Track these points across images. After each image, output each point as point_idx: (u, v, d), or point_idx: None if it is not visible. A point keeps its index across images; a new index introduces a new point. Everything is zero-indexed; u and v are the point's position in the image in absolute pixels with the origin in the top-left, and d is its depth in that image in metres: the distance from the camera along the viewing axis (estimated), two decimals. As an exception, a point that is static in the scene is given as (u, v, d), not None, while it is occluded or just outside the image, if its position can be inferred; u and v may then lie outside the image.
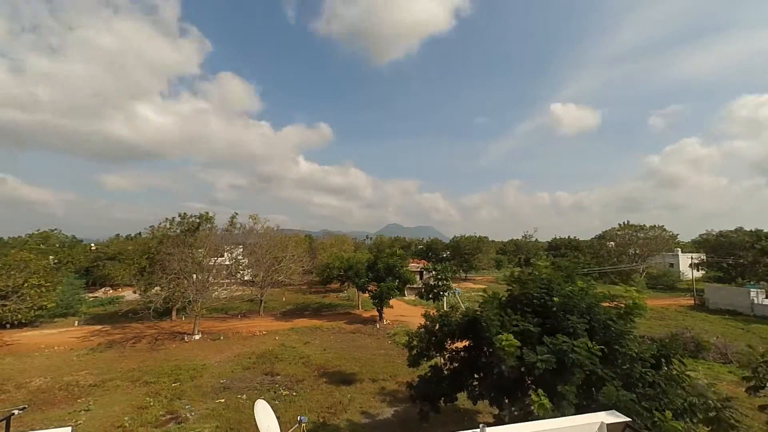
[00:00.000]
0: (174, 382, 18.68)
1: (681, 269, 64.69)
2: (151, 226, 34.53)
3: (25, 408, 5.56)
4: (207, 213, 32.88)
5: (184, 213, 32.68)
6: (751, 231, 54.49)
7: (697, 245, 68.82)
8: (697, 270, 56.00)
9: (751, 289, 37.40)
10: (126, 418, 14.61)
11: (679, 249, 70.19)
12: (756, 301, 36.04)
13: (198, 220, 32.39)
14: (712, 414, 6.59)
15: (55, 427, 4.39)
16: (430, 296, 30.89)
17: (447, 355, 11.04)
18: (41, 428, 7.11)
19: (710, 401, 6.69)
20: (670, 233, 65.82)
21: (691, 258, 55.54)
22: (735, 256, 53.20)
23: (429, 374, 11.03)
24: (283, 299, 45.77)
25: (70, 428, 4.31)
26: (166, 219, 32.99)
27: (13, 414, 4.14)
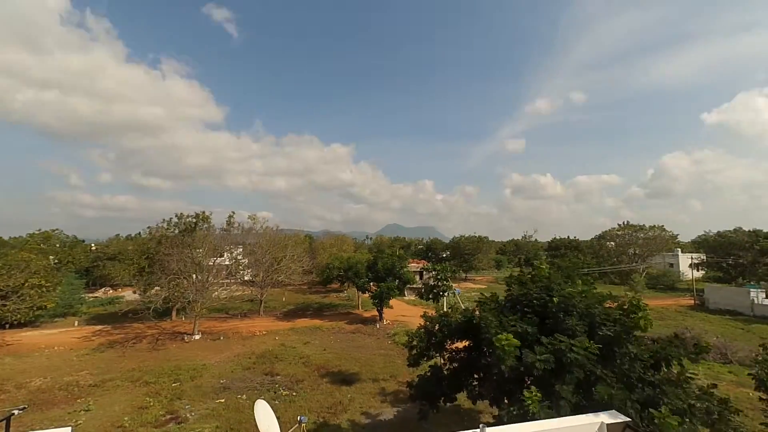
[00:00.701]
0: (174, 382, 18.69)
1: (681, 269, 64.76)
2: (149, 227, 34.63)
3: (25, 408, 5.56)
4: (204, 212, 32.94)
5: (181, 213, 32.77)
6: (750, 231, 54.56)
7: (696, 245, 68.86)
8: (697, 270, 56.02)
9: (751, 290, 37.44)
10: (126, 418, 14.63)
11: (679, 249, 70.25)
12: (756, 301, 36.07)
13: (195, 220, 32.42)
14: (714, 417, 6.59)
15: (55, 427, 4.40)
16: (430, 296, 30.91)
17: (447, 356, 11.05)
18: (41, 428, 7.13)
19: (711, 404, 6.69)
20: (670, 233, 65.91)
21: (691, 258, 55.59)
22: (735, 256, 53.24)
23: (429, 374, 11.05)
24: (283, 299, 45.80)
25: (70, 428, 4.32)
26: (164, 220, 33.10)
27: (13, 414, 4.15)
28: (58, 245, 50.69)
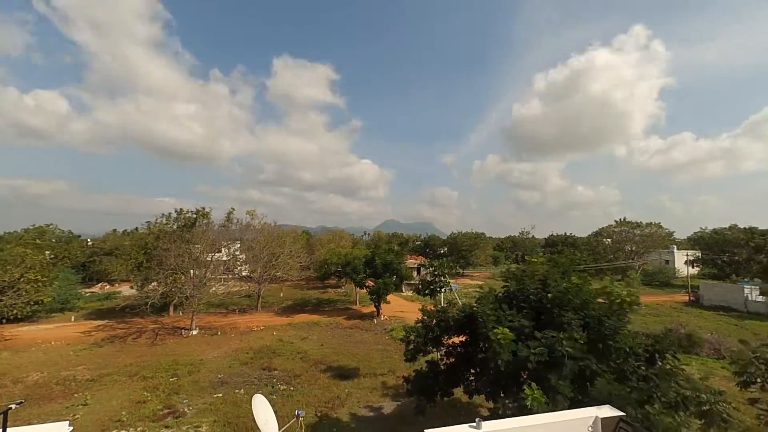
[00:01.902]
0: (171, 377, 18.73)
1: (677, 266, 65.21)
2: (147, 222, 34.49)
3: (22, 403, 5.57)
4: (203, 208, 32.93)
5: (180, 209, 32.71)
6: (745, 228, 54.99)
7: (692, 242, 69.37)
8: (693, 267, 56.43)
9: (745, 286, 37.85)
10: (124, 413, 14.66)
11: (674, 246, 70.69)
12: (750, 298, 36.49)
13: (194, 216, 32.40)
14: (705, 408, 6.68)
15: (53, 422, 4.41)
16: (427, 292, 30.98)
17: (443, 350, 11.13)
18: (39, 423, 7.14)
19: (703, 396, 6.79)
20: (667, 230, 66.31)
21: (687, 255, 56.01)
22: (730, 253, 53.66)
23: (425, 369, 11.13)
24: (281, 295, 45.84)
25: (67, 423, 4.33)
26: (163, 215, 33.02)
27: (10, 408, 4.15)
28: (54, 240, 50.44)
